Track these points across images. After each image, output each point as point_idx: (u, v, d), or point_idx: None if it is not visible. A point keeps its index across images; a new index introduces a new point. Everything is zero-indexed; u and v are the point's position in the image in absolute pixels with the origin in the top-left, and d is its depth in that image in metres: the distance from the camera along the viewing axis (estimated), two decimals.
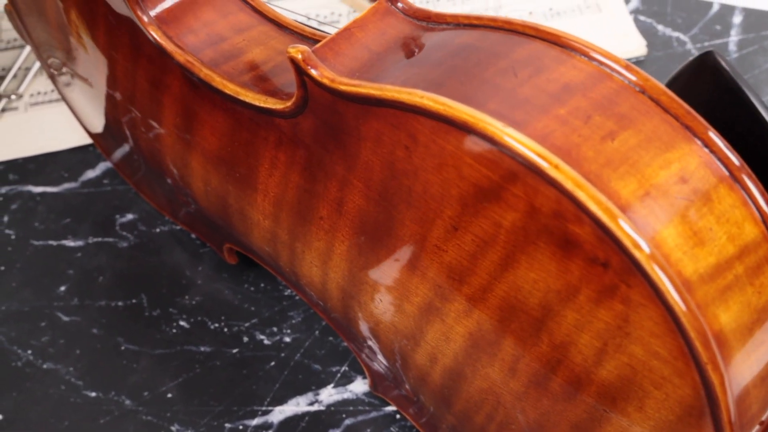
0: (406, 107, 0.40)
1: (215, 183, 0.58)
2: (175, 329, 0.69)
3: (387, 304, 0.50)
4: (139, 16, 0.54)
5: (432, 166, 0.41)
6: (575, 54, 0.40)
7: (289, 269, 0.57)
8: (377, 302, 0.50)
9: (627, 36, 0.83)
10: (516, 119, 0.37)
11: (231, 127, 0.53)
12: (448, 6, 0.87)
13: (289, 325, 0.69)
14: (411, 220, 0.44)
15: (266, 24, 0.56)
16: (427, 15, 0.46)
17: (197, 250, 0.73)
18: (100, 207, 0.76)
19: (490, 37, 0.42)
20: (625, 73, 0.39)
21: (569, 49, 0.40)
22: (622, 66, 0.39)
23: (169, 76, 0.56)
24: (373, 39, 0.45)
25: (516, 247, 0.40)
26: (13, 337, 0.69)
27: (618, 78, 0.39)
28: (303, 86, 0.45)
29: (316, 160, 0.48)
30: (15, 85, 0.84)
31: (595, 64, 0.40)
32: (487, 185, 0.39)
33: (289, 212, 0.52)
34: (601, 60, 0.39)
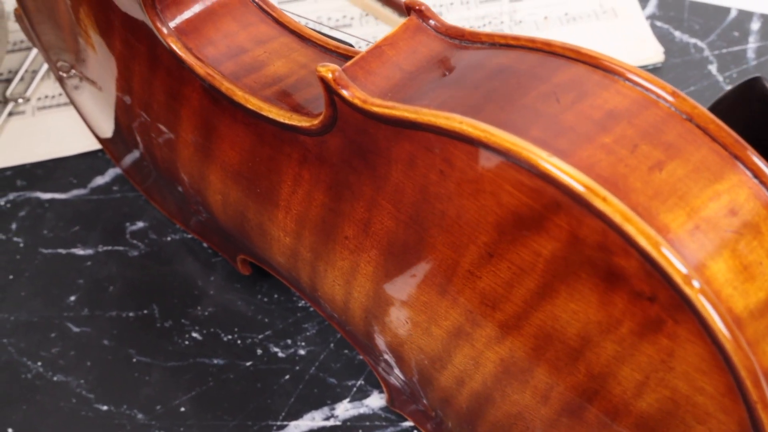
0: (444, 132, 0.38)
1: (234, 197, 0.56)
2: (187, 341, 0.68)
3: (413, 326, 0.49)
4: (159, 28, 0.52)
5: (468, 191, 0.40)
6: (618, 78, 0.39)
7: (310, 286, 0.56)
8: (403, 324, 0.49)
9: (644, 42, 0.82)
10: (560, 148, 0.36)
11: (252, 142, 0.52)
12: (462, 10, 0.86)
13: (303, 338, 0.68)
14: (443, 245, 0.43)
15: (287, 35, 0.55)
16: (461, 33, 0.44)
17: (209, 259, 0.72)
18: (109, 214, 0.75)
19: (528, 59, 0.41)
20: (671, 100, 0.38)
21: (612, 73, 0.39)
22: (668, 92, 0.38)
23: (187, 88, 0.54)
24: (405, 57, 0.44)
25: (555, 277, 0.39)
26: (22, 348, 0.68)
27: (664, 105, 0.38)
28: (332, 105, 0.44)
29: (342, 180, 0.47)
30: (22, 88, 0.83)
31: (639, 89, 0.38)
32: (528, 214, 0.38)
33: (313, 230, 0.51)
34: (646, 86, 0.38)
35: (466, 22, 0.85)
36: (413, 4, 0.45)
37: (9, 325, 0.69)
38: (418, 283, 0.46)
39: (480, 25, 0.84)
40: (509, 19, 0.85)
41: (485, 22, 0.84)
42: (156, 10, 0.52)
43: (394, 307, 0.49)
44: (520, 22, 0.84)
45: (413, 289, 0.47)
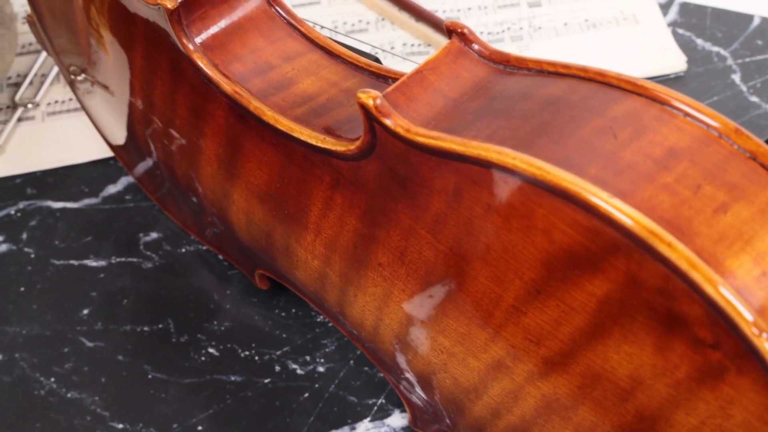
0: (495, 167, 0.37)
1: (259, 217, 0.55)
2: (204, 357, 0.66)
3: (448, 357, 0.47)
4: (185, 44, 0.51)
5: (517, 227, 0.38)
6: (677, 113, 0.38)
7: (337, 309, 0.54)
8: (437, 353, 0.48)
9: (665, 50, 0.80)
10: (620, 188, 0.34)
11: (281, 162, 0.50)
12: (480, 15, 0.84)
13: (322, 354, 0.66)
14: (486, 278, 0.42)
15: (316, 51, 0.53)
16: (506, 58, 0.43)
17: (225, 272, 0.71)
18: (122, 225, 0.73)
19: (580, 90, 0.39)
20: (734, 137, 0.36)
21: (670, 107, 0.38)
22: (731, 129, 0.36)
23: (212, 105, 0.53)
24: (447, 83, 0.42)
25: (609, 318, 0.37)
26: (35, 364, 0.66)
27: (726, 142, 0.37)
28: (371, 132, 0.42)
29: (378, 206, 0.45)
30: (31, 93, 0.81)
31: (700, 125, 0.37)
32: (582, 253, 0.36)
33: (343, 255, 0.49)
34: (707, 121, 0.37)
35: (484, 27, 0.83)
36: (455, 26, 0.44)
37: (21, 339, 0.67)
38: (457, 315, 0.44)
39: (498, 31, 0.82)
40: (528, 25, 0.83)
41: (503, 28, 0.83)
42: (182, 25, 0.51)
43: (429, 337, 0.48)
44: (539, 28, 0.83)
45: (451, 320, 0.45)
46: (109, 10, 0.56)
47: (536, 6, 0.84)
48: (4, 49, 0.74)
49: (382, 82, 0.50)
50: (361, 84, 0.51)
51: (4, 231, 0.73)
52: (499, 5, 0.85)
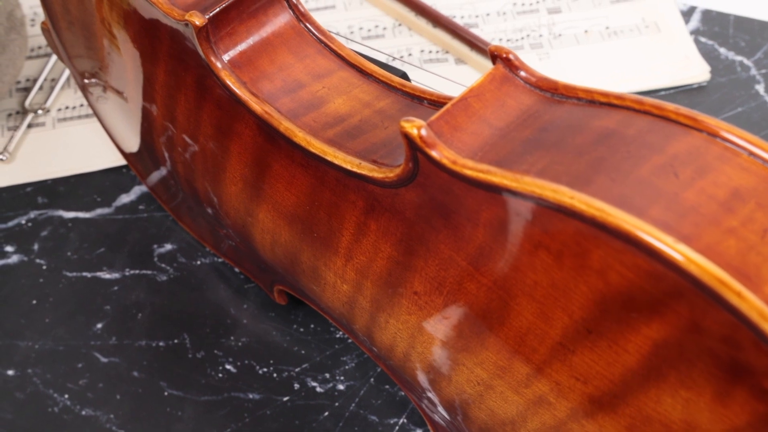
0: (549, 205, 0.35)
1: (286, 238, 0.53)
2: (221, 373, 0.65)
3: (485, 389, 0.46)
4: (212, 62, 0.49)
5: (569, 266, 0.37)
6: (741, 152, 0.36)
7: (365, 333, 0.53)
8: (473, 385, 0.46)
9: (688, 59, 0.79)
10: (684, 232, 0.33)
11: (312, 185, 0.49)
12: (499, 21, 0.82)
13: (342, 371, 0.65)
14: (531, 313, 0.40)
15: (347, 69, 0.51)
16: (554, 86, 0.41)
17: (242, 285, 0.69)
18: (136, 236, 0.72)
19: (636, 123, 0.38)
20: None
21: (733, 144, 0.36)
22: None
23: (239, 123, 0.51)
24: (493, 111, 0.41)
25: (665, 362, 0.36)
26: (48, 380, 0.65)
27: None
28: (414, 161, 0.41)
29: (416, 235, 0.44)
30: (41, 98, 0.79)
31: (766, 165, 0.36)
32: (641, 297, 0.35)
33: (376, 282, 0.48)
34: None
35: (503, 34, 0.81)
36: (499, 51, 0.42)
37: (34, 354, 0.66)
38: (498, 348, 0.43)
39: (518, 38, 0.81)
40: (548, 32, 0.81)
41: (523, 35, 0.81)
42: (210, 42, 0.49)
43: (465, 368, 0.46)
44: (559, 35, 0.81)
45: (491, 353, 0.44)
46: (131, 23, 0.54)
47: (556, 12, 0.83)
48: (14, 54, 0.73)
49: (417, 103, 0.49)
50: (394, 104, 0.49)
51: (15, 241, 0.71)
52: (518, 11, 0.83)
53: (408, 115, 0.48)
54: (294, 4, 0.52)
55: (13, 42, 0.72)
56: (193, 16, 0.48)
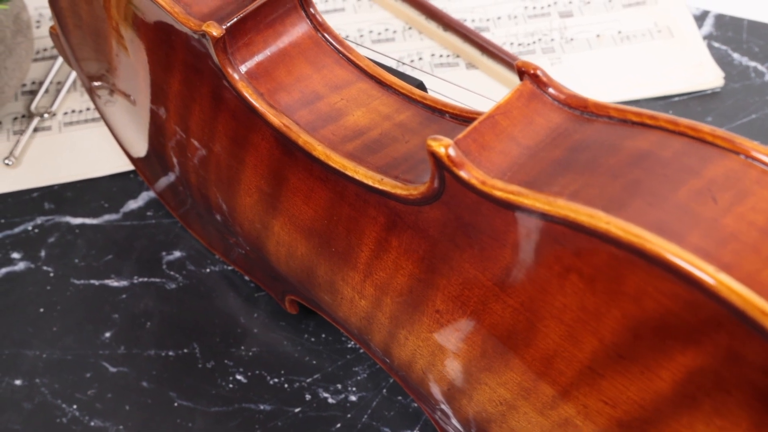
0: (584, 230, 0.35)
1: (302, 252, 0.52)
2: (231, 384, 0.64)
3: (508, 409, 0.45)
4: (229, 74, 0.48)
5: (602, 290, 0.36)
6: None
7: (382, 349, 0.52)
8: (495, 405, 0.46)
9: (701, 65, 0.78)
10: (725, 260, 0.32)
11: (330, 199, 0.48)
12: (510, 25, 0.81)
13: (354, 382, 0.64)
14: (559, 336, 0.39)
15: (365, 80, 0.50)
16: (584, 104, 0.40)
17: (252, 294, 0.68)
18: (144, 243, 0.71)
19: (671, 145, 0.37)
20: None
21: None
22: None
23: (256, 135, 0.50)
24: (521, 129, 0.40)
25: (700, 390, 0.35)
26: (56, 390, 0.64)
27: None
28: (440, 179, 0.40)
29: (439, 253, 0.43)
30: (47, 101, 0.78)
31: None
32: (678, 325, 0.34)
33: (396, 298, 0.47)
34: None
35: (514, 38, 0.80)
36: (526, 67, 0.41)
37: (41, 363, 0.65)
38: (523, 369, 0.42)
39: (529, 42, 0.80)
40: (560, 36, 0.80)
41: (534, 39, 0.80)
42: (227, 53, 0.48)
43: (488, 388, 0.45)
44: (571, 39, 0.80)
45: (516, 374, 0.43)
46: (145, 31, 0.53)
47: (568, 16, 0.82)
48: (21, 57, 0.71)
49: (438, 116, 0.48)
50: (415, 117, 0.48)
51: (22, 248, 0.70)
52: (529, 15, 0.82)
53: (429, 129, 0.47)
54: (312, 14, 0.51)
55: (20, 45, 0.71)
56: (211, 27, 0.47)
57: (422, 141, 0.46)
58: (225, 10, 0.49)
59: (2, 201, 0.73)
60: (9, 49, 0.70)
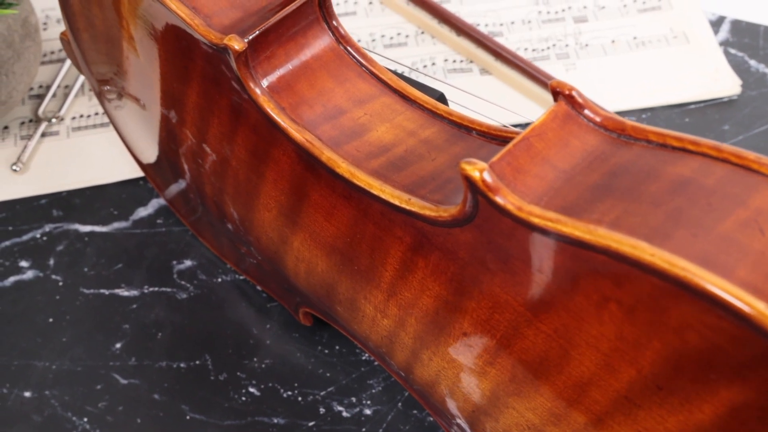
0: (627, 261, 0.34)
1: (322, 269, 0.51)
2: (244, 396, 0.63)
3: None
4: (251, 88, 0.47)
5: (642, 321, 0.35)
6: None
7: (404, 368, 0.51)
8: (522, 429, 0.45)
9: (718, 72, 0.77)
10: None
11: (354, 217, 0.47)
12: (524, 30, 0.80)
13: (368, 395, 0.63)
14: (594, 365, 0.38)
15: (389, 95, 0.49)
16: (621, 126, 0.39)
17: (264, 304, 0.67)
18: (154, 251, 0.70)
19: (714, 172, 0.36)
20: None
21: None
22: None
23: (276, 150, 0.49)
24: (556, 152, 0.39)
25: (743, 425, 0.34)
26: (66, 402, 0.63)
27: None
28: (473, 203, 0.39)
29: (468, 276, 0.42)
30: (55, 105, 0.77)
31: None
32: (723, 359, 0.33)
33: (421, 319, 0.46)
34: None
35: (528, 43, 0.79)
36: (561, 87, 0.40)
37: (51, 374, 0.64)
38: (554, 396, 0.41)
39: (544, 47, 0.79)
40: (574, 41, 0.79)
41: (549, 45, 0.79)
42: (249, 67, 0.47)
43: (515, 412, 0.44)
44: (586, 45, 0.79)
45: (546, 400, 0.42)
46: (162, 42, 0.52)
47: (582, 21, 0.81)
48: (29, 61, 0.70)
49: (465, 133, 0.47)
50: (440, 134, 0.47)
51: (30, 256, 0.69)
52: (543, 20, 0.81)
53: (456, 146, 0.46)
54: (334, 26, 0.50)
55: (28, 50, 0.70)
56: (233, 41, 0.46)
57: (449, 159, 0.45)
58: (246, 23, 0.48)
59: (10, 208, 0.72)
60: (17, 54, 0.68)
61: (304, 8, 0.49)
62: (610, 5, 0.82)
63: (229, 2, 0.49)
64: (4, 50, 0.68)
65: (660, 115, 0.76)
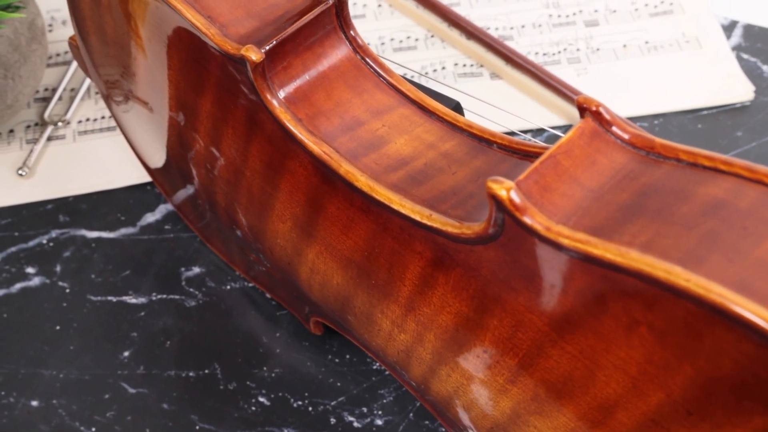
0: (660, 285, 0.33)
1: (338, 281, 0.51)
2: (254, 406, 0.62)
3: None
4: (268, 100, 0.46)
5: (673, 344, 0.34)
6: None
7: (420, 382, 0.51)
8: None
9: (731, 77, 0.76)
10: None
11: (372, 231, 0.46)
12: (535, 34, 0.80)
13: (380, 405, 0.62)
14: (621, 387, 0.38)
15: (407, 105, 0.49)
16: (650, 144, 0.39)
17: (273, 312, 0.67)
18: (162, 258, 0.69)
19: (748, 194, 0.35)
20: None
21: None
22: None
23: (292, 161, 0.48)
24: (584, 170, 0.38)
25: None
26: (74, 412, 0.62)
27: None
28: (499, 222, 0.38)
29: (491, 293, 0.41)
30: (61, 109, 0.76)
31: None
32: (758, 387, 0.32)
33: (440, 335, 0.46)
34: None
35: (539, 47, 0.79)
36: (588, 103, 0.39)
37: (59, 383, 0.63)
38: (578, 417, 0.41)
39: (554, 52, 0.78)
40: (585, 46, 0.79)
41: (560, 49, 0.78)
42: (266, 78, 0.46)
43: (535, 429, 0.44)
44: (597, 50, 0.78)
45: (569, 420, 0.41)
46: (175, 51, 0.51)
47: (593, 25, 0.80)
48: (35, 65, 0.69)
49: (485, 146, 0.46)
50: (460, 147, 0.46)
51: (37, 262, 0.68)
52: (554, 23, 0.80)
53: (477, 160, 0.45)
54: (352, 36, 0.49)
55: (35, 53, 0.69)
56: (250, 51, 0.45)
57: (470, 173, 0.44)
58: (263, 32, 0.47)
59: (16, 213, 0.71)
60: (24, 57, 0.67)
61: (321, 18, 0.48)
62: (622, 9, 0.81)
63: (246, 11, 0.48)
64: (11, 54, 0.67)
65: (672, 121, 0.75)
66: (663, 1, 0.82)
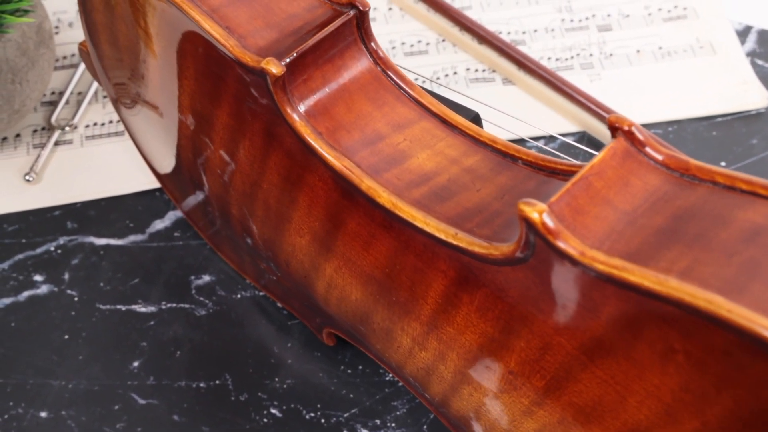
0: (700, 314, 0.32)
1: (357, 297, 0.50)
2: (266, 418, 0.61)
3: None
4: (288, 114, 0.45)
5: (712, 374, 0.34)
6: None
7: (440, 399, 0.50)
8: None
9: (746, 84, 0.76)
10: None
11: (394, 248, 0.45)
12: (548, 38, 0.79)
13: (393, 418, 0.62)
14: (654, 413, 0.37)
15: (429, 119, 0.48)
16: (685, 166, 0.38)
17: (285, 321, 0.66)
18: (172, 266, 0.68)
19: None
20: None
21: None
22: None
23: (312, 176, 0.47)
24: (617, 192, 0.37)
25: None
26: (83, 423, 0.61)
27: None
28: (531, 245, 0.37)
29: (518, 315, 0.41)
30: (68, 113, 0.75)
31: None
32: None
33: (464, 355, 0.45)
34: None
35: (551, 52, 0.78)
36: (620, 123, 0.38)
37: (68, 393, 0.62)
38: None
39: (567, 57, 0.77)
40: (599, 51, 0.78)
41: (572, 54, 0.78)
42: (286, 91, 0.45)
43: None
44: (610, 55, 0.78)
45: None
46: (191, 61, 0.50)
47: (606, 30, 0.79)
48: (43, 69, 0.68)
49: (510, 162, 0.45)
50: (484, 162, 0.46)
51: (45, 270, 0.67)
52: (566, 28, 0.79)
53: (501, 176, 0.45)
54: (373, 48, 0.48)
55: (42, 56, 0.68)
56: (270, 64, 0.44)
57: (495, 190, 0.44)
58: (283, 44, 0.46)
59: (23, 219, 0.70)
60: (32, 61, 0.66)
61: (342, 29, 0.47)
62: (635, 13, 0.80)
63: (264, 22, 0.47)
64: (19, 58, 0.66)
65: (687, 129, 0.74)
66: (677, 6, 0.81)
